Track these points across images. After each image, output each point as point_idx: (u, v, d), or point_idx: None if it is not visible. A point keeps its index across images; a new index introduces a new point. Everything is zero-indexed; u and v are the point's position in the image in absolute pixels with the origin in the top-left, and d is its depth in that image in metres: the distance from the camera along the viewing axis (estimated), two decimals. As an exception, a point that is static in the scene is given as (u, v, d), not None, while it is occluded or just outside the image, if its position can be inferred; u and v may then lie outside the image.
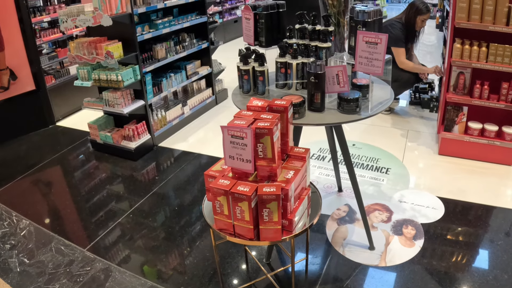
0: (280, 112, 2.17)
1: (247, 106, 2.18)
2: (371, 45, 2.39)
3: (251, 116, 2.10)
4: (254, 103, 2.19)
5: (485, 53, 4.14)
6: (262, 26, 2.76)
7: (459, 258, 3.11)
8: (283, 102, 2.18)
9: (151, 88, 4.73)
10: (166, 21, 4.88)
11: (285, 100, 2.21)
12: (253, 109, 2.17)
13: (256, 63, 2.72)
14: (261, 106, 2.16)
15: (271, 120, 2.02)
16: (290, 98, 2.47)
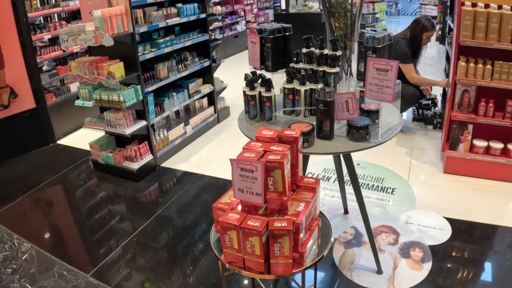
0: (290, 143, 2.11)
1: (256, 136, 2.12)
2: (381, 72, 2.34)
3: (260, 147, 2.05)
4: (263, 133, 2.13)
5: (490, 70, 4.11)
6: (268, 50, 2.72)
7: (468, 281, 3.05)
8: (292, 132, 2.13)
9: (153, 108, 4.68)
10: (168, 40, 4.84)
11: (295, 130, 2.16)
12: (262, 139, 2.12)
13: (263, 88, 2.67)
14: (270, 137, 2.11)
15: (281, 152, 1.96)
16: (299, 126, 2.43)
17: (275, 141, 2.11)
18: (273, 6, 13.53)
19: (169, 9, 4.86)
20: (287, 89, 2.55)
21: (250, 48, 2.86)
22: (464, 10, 4.14)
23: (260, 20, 12.65)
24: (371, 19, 11.83)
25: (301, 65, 2.74)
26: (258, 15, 12.49)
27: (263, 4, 12.84)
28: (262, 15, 12.69)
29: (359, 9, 2.85)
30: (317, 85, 2.54)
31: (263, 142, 2.11)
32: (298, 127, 2.41)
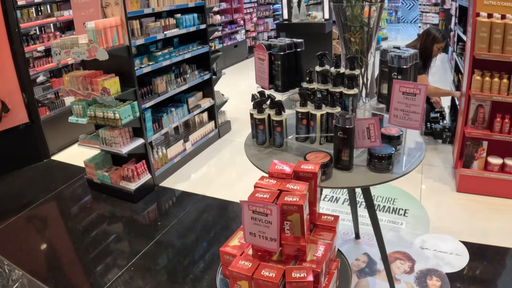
0: (308, 179, 1.86)
1: (269, 172, 1.86)
2: (408, 96, 2.09)
3: (275, 185, 1.79)
4: (278, 168, 1.87)
5: (507, 85, 3.90)
6: (278, 68, 2.46)
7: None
8: (310, 166, 1.87)
9: (151, 125, 4.42)
10: (167, 53, 4.59)
11: (313, 163, 1.90)
12: (276, 175, 1.86)
13: (272, 110, 2.42)
14: (286, 172, 1.85)
15: (300, 193, 1.70)
16: (316, 156, 2.17)
17: (291, 177, 1.85)
18: (273, 14, 13.32)
19: (167, 20, 4.61)
20: (301, 113, 2.29)
21: (257, 66, 2.60)
22: (480, 22, 3.94)
23: (260, 29, 12.43)
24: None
25: (314, 85, 2.48)
26: (258, 24, 12.27)
27: (263, 13, 12.62)
28: (261, 24, 12.47)
29: (376, 23, 2.61)
30: (334, 108, 2.28)
31: (277, 178, 1.85)
32: (315, 157, 2.16)
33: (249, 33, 11.75)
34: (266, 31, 12.80)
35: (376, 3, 2.54)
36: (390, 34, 15.25)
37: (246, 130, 6.22)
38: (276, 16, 13.62)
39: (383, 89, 2.33)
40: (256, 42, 12.05)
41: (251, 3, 11.84)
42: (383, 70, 2.28)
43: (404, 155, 2.34)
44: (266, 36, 12.81)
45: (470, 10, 4.29)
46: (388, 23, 16.05)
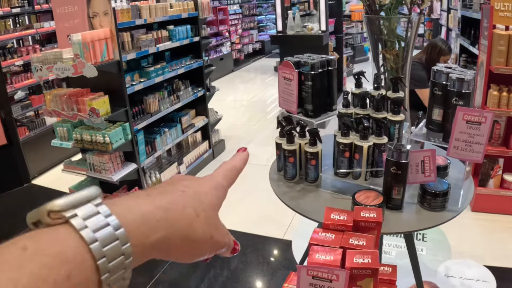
0: (371, 230, 1.51)
1: (324, 223, 1.50)
2: (473, 125, 1.77)
3: (335, 242, 1.43)
4: (334, 217, 1.51)
5: None
6: (309, 89, 2.10)
7: None
8: (372, 214, 1.52)
9: (144, 148, 4.03)
10: (159, 68, 4.20)
11: (374, 210, 1.54)
12: (333, 227, 1.50)
13: (303, 140, 2.07)
14: (346, 224, 1.49)
15: (370, 252, 1.34)
16: (366, 195, 1.82)
17: (351, 228, 1.50)
18: (257, 26, 13.03)
19: (159, 32, 4.24)
20: (343, 145, 1.93)
21: (282, 87, 2.24)
22: (498, 35, 3.73)
23: (245, 41, 12.11)
24: (359, 38, 11.43)
25: (352, 109, 2.13)
26: (243, 35, 11.95)
27: (247, 25, 12.31)
28: (246, 36, 12.16)
29: (413, 37, 2.28)
30: (381, 138, 1.93)
31: (334, 231, 1.49)
32: (365, 198, 1.80)
33: (235, 45, 11.41)
34: (251, 43, 12.50)
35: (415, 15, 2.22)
36: (374, 46, 15.08)
37: (241, 148, 5.85)
38: (261, 28, 13.35)
39: (434, 115, 1.99)
40: (241, 55, 11.74)
41: (236, 14, 11.52)
42: (436, 93, 1.95)
43: (461, 189, 2.00)
44: (251, 48, 12.50)
45: (484, 22, 4.07)
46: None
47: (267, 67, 11.72)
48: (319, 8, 6.31)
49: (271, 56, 13.22)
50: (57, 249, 0.41)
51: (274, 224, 4.01)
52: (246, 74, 11.12)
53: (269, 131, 6.63)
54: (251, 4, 12.65)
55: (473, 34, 5.17)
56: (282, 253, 3.60)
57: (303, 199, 1.98)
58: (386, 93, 2.11)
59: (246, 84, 10.06)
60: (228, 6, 11.05)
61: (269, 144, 5.95)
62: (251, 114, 7.63)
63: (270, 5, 13.93)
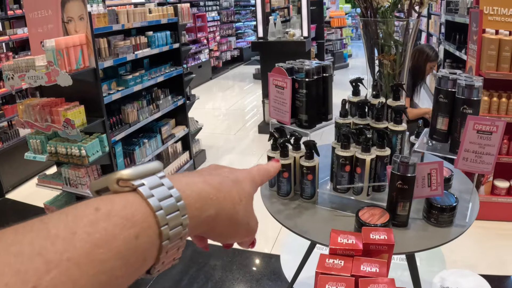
0: (382, 253, 1.35)
1: (331, 248, 1.34)
2: (483, 135, 1.64)
3: (345, 269, 1.27)
4: (341, 241, 1.36)
5: None
6: (303, 98, 1.95)
7: None
8: (383, 235, 1.37)
9: (122, 160, 3.83)
10: (138, 76, 4.01)
11: (384, 231, 1.39)
12: (341, 252, 1.34)
13: (298, 153, 1.91)
14: (354, 248, 1.33)
15: (388, 283, 1.19)
16: (370, 213, 1.67)
17: (361, 252, 1.34)
18: (236, 33, 12.88)
19: (138, 38, 4.04)
20: (343, 158, 1.78)
21: (273, 95, 2.08)
22: (488, 39, 3.66)
23: (223, 48, 11.94)
24: (339, 45, 11.38)
25: (350, 119, 1.99)
26: (221, 43, 11.79)
27: (226, 32, 12.16)
28: (225, 43, 12.00)
29: (411, 42, 2.16)
30: (383, 150, 1.79)
31: (343, 256, 1.33)
32: (370, 216, 1.65)
33: (213, 53, 11.24)
34: (229, 50, 12.34)
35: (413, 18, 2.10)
36: (355, 51, 15.13)
37: (222, 158, 5.78)
38: (239, 35, 13.21)
39: (439, 124, 1.85)
40: (219, 63, 11.58)
41: (214, 21, 11.35)
42: (441, 101, 1.81)
43: (469, 202, 1.88)
44: (229, 56, 12.34)
45: (472, 26, 3.99)
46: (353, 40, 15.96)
47: (245, 74, 11.59)
48: (301, 13, 6.19)
49: (250, 64, 13.09)
50: (128, 212, 0.44)
51: (260, 237, 3.82)
52: (224, 81, 10.96)
53: (249, 140, 6.47)
54: (229, 11, 12.51)
55: (458, 39, 5.10)
56: (270, 268, 3.43)
57: (300, 217, 1.82)
58: (386, 101, 1.97)
59: (225, 92, 9.90)
60: (206, 13, 10.88)
61: (251, 154, 5.80)
62: (231, 122, 7.47)
63: (249, 12, 13.83)
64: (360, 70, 11.38)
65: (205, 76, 10.72)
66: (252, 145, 6.27)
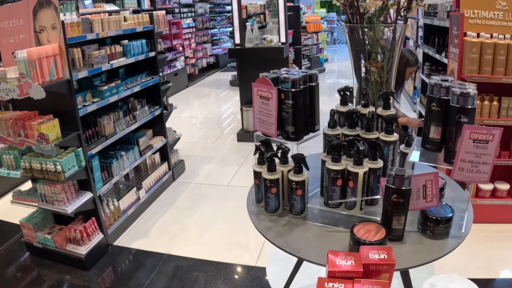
0: (382, 273, 1.28)
1: (330, 271, 1.26)
2: (480, 144, 1.58)
3: (346, 295, 1.19)
4: (340, 263, 1.28)
5: (497, 108, 3.69)
6: (290, 109, 1.87)
7: None
8: (383, 255, 1.30)
9: (100, 174, 3.68)
10: (114, 87, 3.88)
11: (383, 249, 1.32)
12: (340, 274, 1.26)
13: (286, 167, 1.83)
14: (354, 270, 1.25)
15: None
16: (366, 229, 1.59)
17: (361, 275, 1.26)
18: (211, 40, 12.78)
19: (113, 48, 3.91)
20: (335, 172, 1.70)
21: (258, 107, 2.00)
22: (470, 42, 3.65)
23: (199, 55, 11.83)
24: (315, 50, 11.36)
25: (339, 129, 1.91)
26: (197, 50, 11.67)
27: (201, 38, 12.04)
28: (200, 50, 11.88)
29: (398, 48, 2.10)
30: (375, 162, 1.72)
31: (341, 279, 1.25)
32: (366, 232, 1.57)
33: (189, 60, 11.11)
34: (205, 57, 12.23)
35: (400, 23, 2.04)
36: (331, 55, 15.16)
37: (201, 169, 5.67)
38: (214, 41, 13.11)
39: (431, 133, 1.79)
40: (195, 70, 11.46)
41: (189, 28, 11.23)
42: (433, 109, 1.75)
43: (465, 212, 1.82)
44: (205, 63, 12.23)
45: (453, 29, 3.97)
46: (329, 45, 15.99)
47: (222, 81, 11.49)
48: (278, 19, 6.12)
49: (226, 70, 13.00)
50: None
51: (244, 249, 3.74)
52: (201, 89, 10.84)
53: (228, 148, 6.37)
54: (205, 18, 12.40)
55: (437, 42, 5.09)
56: (256, 281, 3.33)
57: (290, 234, 1.73)
58: (376, 110, 1.91)
59: (201, 100, 9.78)
60: (181, 20, 10.75)
61: (230, 163, 5.70)
62: (208, 130, 7.36)
63: (224, 18, 13.74)
64: (337, 74, 11.38)
65: (181, 84, 10.57)
66: (231, 153, 6.17)
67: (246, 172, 5.37)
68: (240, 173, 5.35)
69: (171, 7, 10.52)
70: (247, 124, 6.40)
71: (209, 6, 12.85)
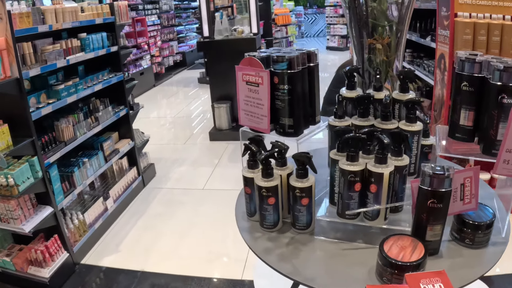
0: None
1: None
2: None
3: None
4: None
5: None
6: (286, 96, 1.50)
7: None
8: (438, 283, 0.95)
9: (60, 186, 3.25)
10: (71, 85, 3.45)
11: (436, 276, 0.97)
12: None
13: (283, 170, 1.47)
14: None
15: None
16: (399, 245, 1.24)
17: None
18: (177, 37, 12.31)
19: (69, 42, 3.48)
20: (352, 174, 1.34)
21: (244, 96, 1.63)
22: (462, 23, 3.40)
23: (165, 53, 11.35)
24: (285, 43, 11.05)
25: (348, 120, 1.55)
26: (163, 48, 11.19)
27: (167, 36, 11.57)
28: (166, 48, 11.41)
29: (407, 21, 1.77)
30: (401, 159, 1.37)
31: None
32: (400, 250, 1.22)
33: (155, 58, 10.63)
34: (171, 55, 11.76)
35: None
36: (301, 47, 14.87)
37: (173, 172, 5.26)
38: (181, 39, 12.65)
39: (462, 120, 1.45)
40: (162, 69, 11.00)
41: (154, 26, 10.75)
42: (464, 90, 1.41)
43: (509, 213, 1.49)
44: (172, 61, 11.76)
45: (441, 11, 3.69)
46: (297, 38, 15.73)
47: (190, 79, 11.06)
48: (249, 9, 5.75)
49: (193, 68, 12.56)
50: None
51: (227, 260, 3.36)
52: (168, 88, 10.39)
53: (200, 149, 5.98)
54: (170, 15, 11.93)
55: (419, 27, 4.81)
56: (242, 297, 2.96)
57: (298, 257, 1.37)
58: (391, 94, 1.56)
59: (169, 99, 9.34)
60: (146, 17, 10.26)
61: (204, 164, 5.33)
62: (178, 131, 6.94)
63: (190, 14, 13.29)
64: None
65: (148, 84, 10.10)
66: (204, 154, 5.79)
67: (221, 174, 5.00)
68: (215, 175, 4.97)
69: (135, 3, 10.01)
70: (219, 122, 6.02)
71: (174, 3, 12.38)
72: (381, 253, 1.20)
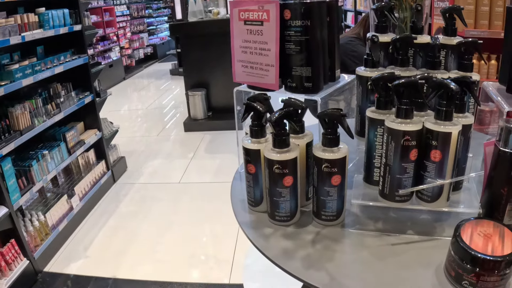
0: None
1: None
2: None
3: None
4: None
5: (496, 67, 3.26)
6: (302, 37, 1.12)
7: None
8: None
9: (15, 182, 2.79)
10: (27, 65, 2.99)
11: None
12: None
13: (300, 138, 1.08)
14: None
15: None
16: (481, 234, 0.85)
17: None
18: (147, 29, 11.81)
19: (25, 16, 3.03)
20: (407, 136, 0.95)
21: (241, 41, 1.24)
22: None
23: (135, 45, 10.84)
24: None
25: (381, 69, 1.17)
26: (133, 39, 10.68)
27: (137, 28, 11.06)
28: (136, 40, 10.90)
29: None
30: (465, 116, 0.99)
31: None
32: (484, 239, 0.83)
33: (124, 51, 10.12)
34: (142, 48, 11.25)
35: None
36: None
37: (146, 166, 4.82)
38: (151, 31, 12.15)
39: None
40: (132, 62, 10.51)
41: (123, 16, 10.22)
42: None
43: None
44: (142, 54, 11.26)
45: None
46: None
47: (161, 72, 10.62)
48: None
49: (165, 61, 12.09)
50: None
51: (212, 262, 2.96)
52: (139, 81, 9.92)
53: (174, 141, 5.59)
54: (140, 5, 11.41)
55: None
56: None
57: (331, 260, 0.97)
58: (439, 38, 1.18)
59: (140, 92, 8.90)
60: (114, 6, 9.73)
61: (179, 157, 4.95)
62: (150, 124, 6.52)
63: (161, 6, 12.79)
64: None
65: (118, 77, 9.60)
66: (179, 146, 5.40)
67: (199, 165, 4.61)
68: (191, 167, 4.58)
69: (103, -9, 9.50)
70: (194, 111, 5.63)
71: (144, -7, 11.91)
72: (461, 245, 0.82)
